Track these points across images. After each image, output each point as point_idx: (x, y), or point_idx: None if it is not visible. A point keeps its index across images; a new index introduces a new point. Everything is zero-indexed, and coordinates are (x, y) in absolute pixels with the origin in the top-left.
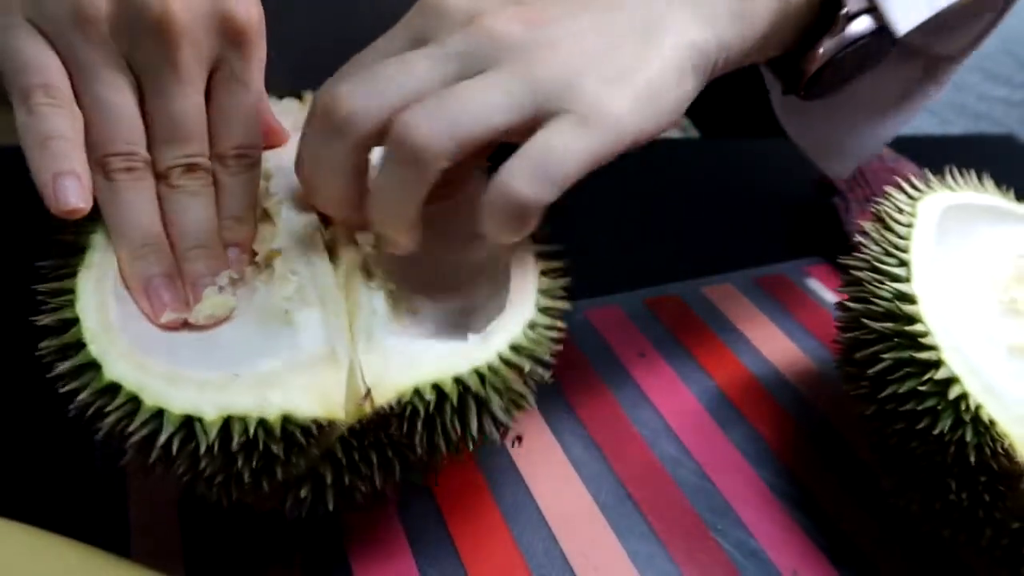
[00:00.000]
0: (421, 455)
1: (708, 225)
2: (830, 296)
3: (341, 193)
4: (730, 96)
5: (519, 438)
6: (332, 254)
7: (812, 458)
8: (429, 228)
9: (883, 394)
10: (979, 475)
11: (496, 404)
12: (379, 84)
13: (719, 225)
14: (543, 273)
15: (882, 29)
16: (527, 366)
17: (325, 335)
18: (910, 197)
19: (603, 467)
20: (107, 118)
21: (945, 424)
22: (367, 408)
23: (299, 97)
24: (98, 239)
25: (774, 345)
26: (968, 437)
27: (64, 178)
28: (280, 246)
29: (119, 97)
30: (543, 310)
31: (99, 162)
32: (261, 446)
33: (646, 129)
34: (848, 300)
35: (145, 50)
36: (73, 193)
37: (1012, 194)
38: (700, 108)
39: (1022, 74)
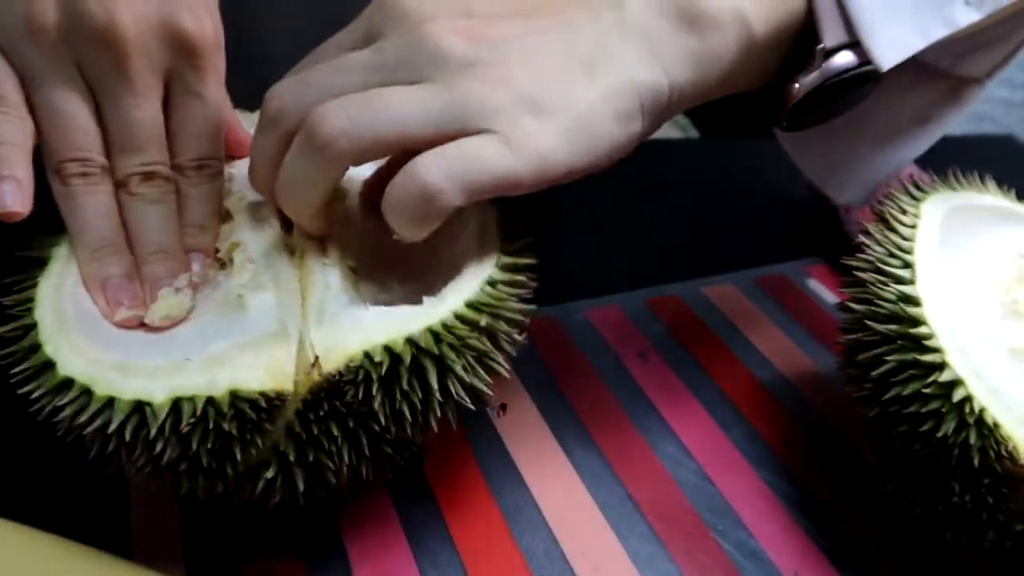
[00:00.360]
0: (387, 425)
1: (708, 225)
2: (830, 297)
3: (269, 182)
4: (730, 96)
5: (503, 406)
6: (290, 239)
7: (812, 458)
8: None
9: (887, 396)
10: (983, 478)
11: (457, 364)
12: (308, 82)
13: (719, 225)
14: (505, 236)
15: (866, 63)
16: (484, 320)
17: (276, 312)
18: (913, 198)
19: (603, 467)
20: (59, 126)
21: (949, 427)
22: (315, 376)
23: None
24: (60, 252)
25: (774, 345)
26: (972, 440)
27: (3, 182)
28: (239, 239)
29: (70, 105)
30: (505, 267)
31: (55, 168)
32: (212, 424)
33: (575, 166)
34: (851, 301)
35: (94, 60)
36: (10, 196)
37: (1013, 194)
38: (700, 108)
39: (1022, 74)
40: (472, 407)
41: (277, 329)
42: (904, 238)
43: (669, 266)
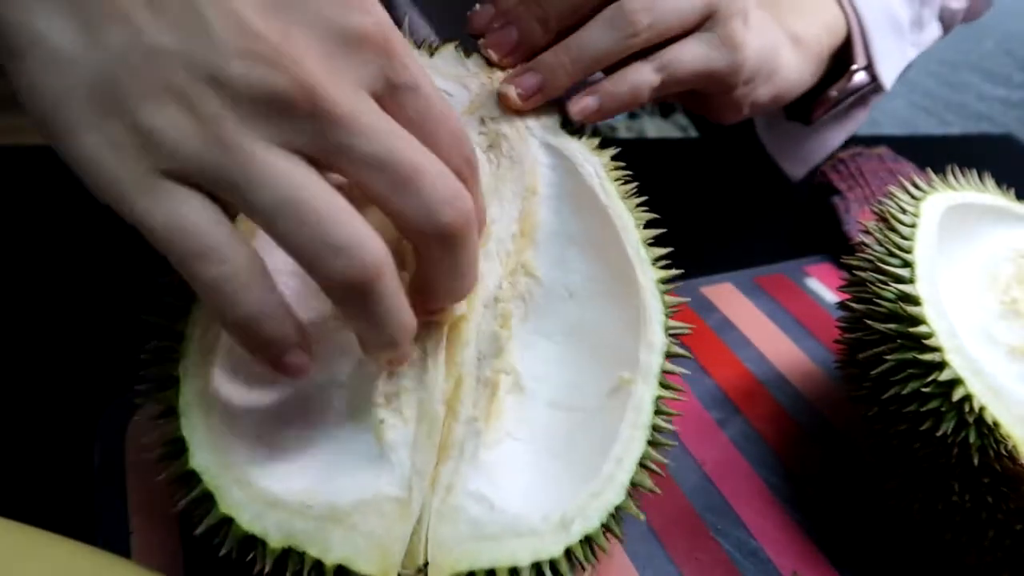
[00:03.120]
0: None
1: (708, 225)
2: (829, 296)
3: (582, 74)
4: None
5: None
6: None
7: (812, 458)
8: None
9: (886, 395)
10: (982, 477)
11: None
12: None
13: (719, 225)
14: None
15: (873, 81)
16: (590, 569)
17: (408, 473)
18: (913, 197)
19: None
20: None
21: (948, 426)
22: None
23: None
24: None
25: (774, 345)
26: (971, 439)
27: (287, 357)
28: None
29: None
30: (632, 491)
31: None
32: None
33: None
34: (850, 300)
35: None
36: (300, 364)
37: (1012, 193)
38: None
39: (1021, 74)
40: None
41: (402, 498)
42: (904, 237)
43: (668, 265)
